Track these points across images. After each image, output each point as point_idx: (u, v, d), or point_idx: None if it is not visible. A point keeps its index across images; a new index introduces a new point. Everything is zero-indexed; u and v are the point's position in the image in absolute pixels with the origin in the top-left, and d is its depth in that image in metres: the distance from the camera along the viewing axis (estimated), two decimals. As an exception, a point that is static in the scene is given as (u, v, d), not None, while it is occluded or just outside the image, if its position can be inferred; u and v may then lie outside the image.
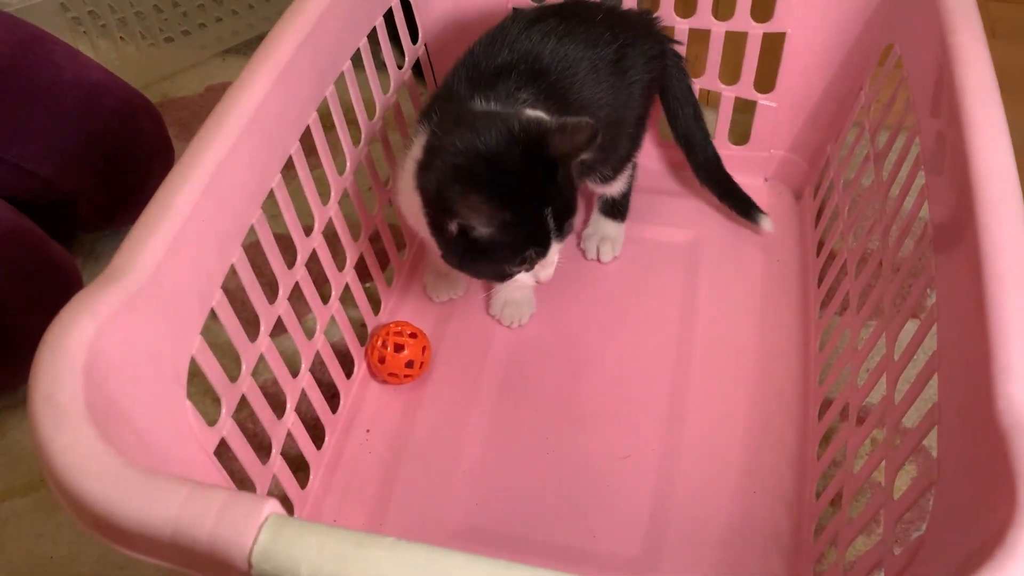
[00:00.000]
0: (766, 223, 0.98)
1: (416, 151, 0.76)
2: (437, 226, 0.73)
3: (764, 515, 0.76)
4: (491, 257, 0.73)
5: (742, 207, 0.99)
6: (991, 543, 0.40)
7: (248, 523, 0.38)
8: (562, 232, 0.74)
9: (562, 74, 0.81)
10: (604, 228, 0.98)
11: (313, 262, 0.77)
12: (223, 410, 0.62)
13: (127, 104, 0.96)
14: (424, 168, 0.73)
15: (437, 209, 0.72)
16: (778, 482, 0.78)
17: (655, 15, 0.94)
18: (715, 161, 0.99)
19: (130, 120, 0.96)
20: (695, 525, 0.76)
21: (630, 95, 0.88)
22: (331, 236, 0.80)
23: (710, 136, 0.99)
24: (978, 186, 0.56)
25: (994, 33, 1.35)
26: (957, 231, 0.59)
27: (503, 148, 0.70)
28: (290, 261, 0.73)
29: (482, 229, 0.70)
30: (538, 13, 0.85)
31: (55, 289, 0.84)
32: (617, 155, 0.91)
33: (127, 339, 0.50)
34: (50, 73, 0.90)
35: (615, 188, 0.95)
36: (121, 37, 1.22)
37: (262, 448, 0.70)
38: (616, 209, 0.97)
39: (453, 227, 0.72)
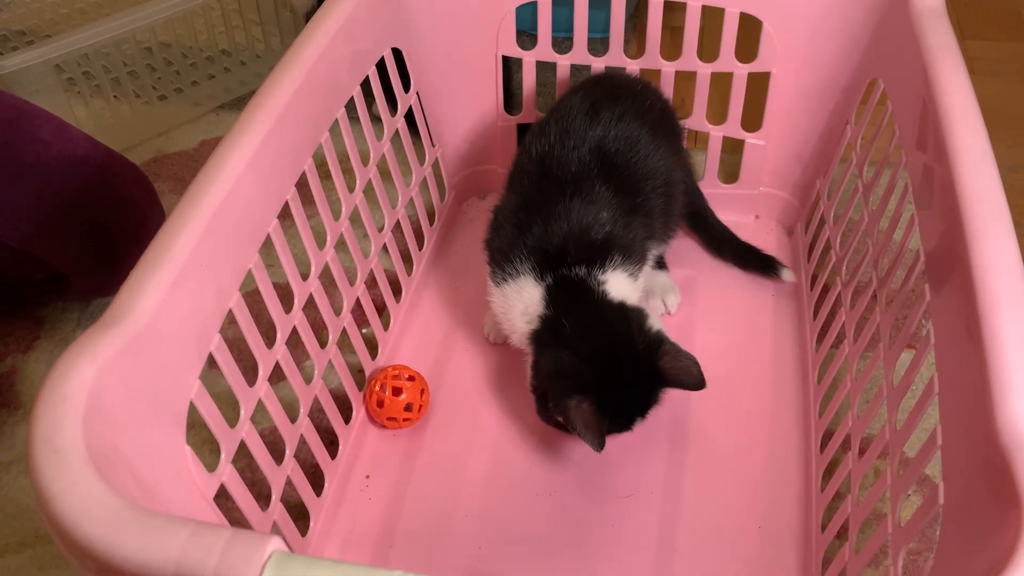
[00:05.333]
0: (787, 274, 0.98)
1: (527, 298, 0.80)
2: (542, 400, 0.79)
3: (770, 549, 0.76)
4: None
5: (762, 266, 1.00)
6: (1000, 564, 0.40)
7: (252, 561, 0.37)
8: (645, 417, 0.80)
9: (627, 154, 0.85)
10: (660, 281, 0.96)
11: (310, 308, 0.77)
12: (222, 456, 0.62)
13: (114, 175, 0.94)
14: (542, 344, 0.79)
15: (550, 398, 0.77)
16: (782, 516, 0.78)
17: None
18: (726, 231, 1.02)
19: (118, 191, 0.94)
20: (700, 563, 0.75)
21: (676, 152, 0.92)
22: (328, 282, 0.81)
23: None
24: (967, 212, 0.57)
25: (973, 70, 1.38)
26: (950, 257, 0.59)
27: (621, 362, 0.77)
28: (287, 307, 0.73)
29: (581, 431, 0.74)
30: (589, 95, 0.88)
31: None
32: (678, 213, 0.93)
33: (126, 383, 0.50)
34: (35, 149, 0.89)
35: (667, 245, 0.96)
36: (115, 96, 1.23)
37: (261, 497, 0.69)
38: (661, 261, 0.98)
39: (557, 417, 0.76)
